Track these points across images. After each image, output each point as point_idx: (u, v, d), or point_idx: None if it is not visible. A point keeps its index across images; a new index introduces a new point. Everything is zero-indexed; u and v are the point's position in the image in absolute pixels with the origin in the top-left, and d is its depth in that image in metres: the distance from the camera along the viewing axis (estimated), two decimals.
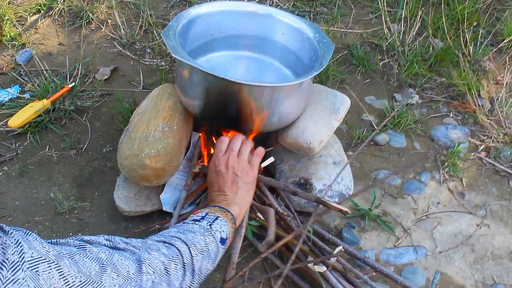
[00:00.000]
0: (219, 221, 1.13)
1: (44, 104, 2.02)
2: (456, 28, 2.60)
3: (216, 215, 1.15)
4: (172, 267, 0.94)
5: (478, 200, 1.97)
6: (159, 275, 0.89)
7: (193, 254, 1.00)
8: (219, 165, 1.35)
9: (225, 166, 1.33)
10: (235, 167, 1.33)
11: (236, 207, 1.24)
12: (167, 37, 1.53)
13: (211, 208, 1.20)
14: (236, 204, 1.25)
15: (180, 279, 0.95)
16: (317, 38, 1.71)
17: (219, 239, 1.09)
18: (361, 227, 1.85)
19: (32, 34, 2.51)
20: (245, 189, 1.31)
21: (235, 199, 1.27)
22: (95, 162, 1.99)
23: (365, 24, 2.72)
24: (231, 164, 1.33)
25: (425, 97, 2.37)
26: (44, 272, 0.65)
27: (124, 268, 0.83)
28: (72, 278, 0.70)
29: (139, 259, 0.88)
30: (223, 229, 1.12)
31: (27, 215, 1.82)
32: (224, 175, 1.32)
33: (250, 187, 1.33)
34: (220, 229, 1.11)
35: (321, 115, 1.68)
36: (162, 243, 0.98)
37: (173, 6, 2.71)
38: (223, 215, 1.17)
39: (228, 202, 1.25)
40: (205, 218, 1.13)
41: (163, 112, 1.64)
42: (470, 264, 1.78)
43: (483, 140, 2.18)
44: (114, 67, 2.36)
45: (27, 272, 0.62)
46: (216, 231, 1.10)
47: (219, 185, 1.31)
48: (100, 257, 0.80)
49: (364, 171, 2.03)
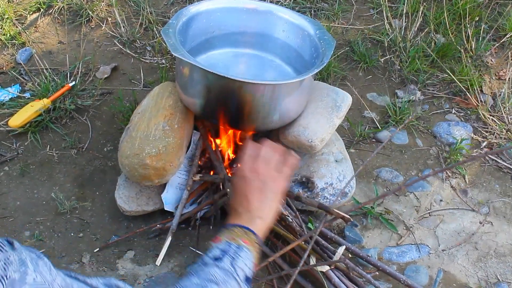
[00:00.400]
0: (242, 254, 1.02)
1: (44, 104, 2.02)
2: (458, 23, 2.59)
3: (238, 244, 1.04)
4: None
5: (481, 197, 1.96)
6: None
7: None
8: (246, 170, 1.20)
9: (253, 172, 1.19)
10: (263, 174, 1.19)
11: (259, 221, 1.12)
12: (167, 35, 1.52)
13: (232, 232, 1.08)
14: (259, 217, 1.13)
15: None
16: (318, 35, 1.70)
17: (243, 278, 1.00)
18: (364, 225, 1.84)
19: (32, 33, 2.50)
20: (272, 198, 1.18)
21: (259, 210, 1.15)
22: (96, 162, 1.98)
23: (366, 20, 2.71)
24: (259, 171, 1.19)
25: (427, 93, 2.36)
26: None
27: None
28: None
29: None
30: (247, 263, 1.02)
31: (28, 215, 1.81)
32: (250, 181, 1.18)
33: (276, 197, 1.19)
34: (244, 265, 1.01)
35: (322, 113, 1.67)
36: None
37: (173, 3, 2.70)
38: (246, 242, 1.06)
39: (251, 215, 1.13)
40: (227, 253, 1.01)
41: (164, 110, 1.63)
42: (473, 262, 1.77)
43: (486, 137, 2.17)
44: (114, 65, 2.35)
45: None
46: (239, 269, 1.00)
47: (244, 191, 1.18)
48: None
49: (366, 168, 2.02)
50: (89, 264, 1.68)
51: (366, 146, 2.10)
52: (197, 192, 1.76)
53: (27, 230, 1.77)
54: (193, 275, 0.98)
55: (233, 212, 1.16)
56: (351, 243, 1.74)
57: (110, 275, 1.66)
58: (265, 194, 1.17)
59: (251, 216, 1.12)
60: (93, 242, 1.76)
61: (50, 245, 1.74)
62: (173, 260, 1.70)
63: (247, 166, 1.21)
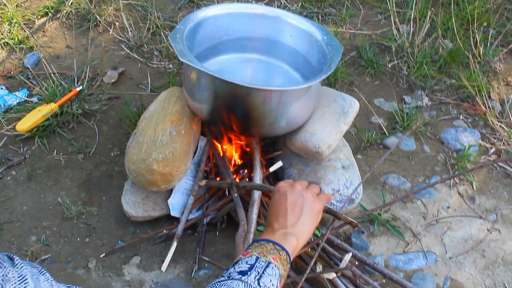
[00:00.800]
0: (269, 271, 0.99)
1: (51, 108, 2.02)
2: (466, 28, 2.58)
3: (267, 261, 1.00)
4: None
5: (488, 204, 1.95)
6: None
7: None
8: (285, 186, 1.19)
9: (291, 188, 1.18)
10: (302, 191, 1.17)
11: (293, 239, 1.09)
12: (175, 40, 1.52)
13: (263, 247, 1.05)
14: (294, 235, 1.10)
15: None
16: (326, 40, 1.70)
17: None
18: (370, 232, 1.83)
19: (40, 37, 2.50)
20: (309, 216, 1.15)
21: (296, 226, 1.12)
22: (102, 167, 1.98)
23: (374, 25, 2.70)
24: (298, 187, 1.18)
25: (434, 99, 2.35)
26: None
27: None
28: None
29: None
30: (273, 282, 0.98)
31: (35, 220, 1.81)
32: (288, 195, 1.16)
33: (315, 216, 1.17)
34: (270, 283, 0.97)
35: (329, 119, 1.66)
36: None
37: (181, 8, 2.70)
38: (276, 259, 1.02)
39: (285, 232, 1.10)
40: (254, 269, 0.98)
41: (171, 116, 1.63)
42: (480, 270, 1.76)
43: (494, 143, 2.16)
44: (121, 70, 2.35)
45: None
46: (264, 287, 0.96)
47: (281, 205, 1.15)
48: None
49: (373, 175, 2.01)
50: (95, 270, 1.68)
51: (373, 152, 2.10)
52: (203, 198, 1.75)
53: (34, 235, 1.77)
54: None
55: (268, 228, 1.13)
56: (358, 250, 1.73)
57: (116, 280, 1.65)
58: (304, 210, 1.14)
59: (286, 232, 1.10)
60: (99, 247, 1.76)
61: (56, 250, 1.74)
62: (179, 266, 1.70)
63: (287, 184, 1.20)
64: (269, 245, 1.04)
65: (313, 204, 1.16)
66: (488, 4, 2.70)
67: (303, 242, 1.12)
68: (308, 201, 1.15)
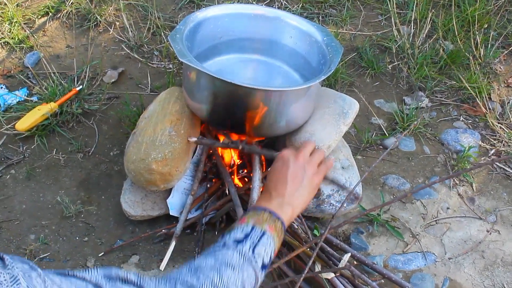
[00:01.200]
0: (264, 240, 1.02)
1: (51, 107, 2.02)
2: (467, 30, 2.58)
3: (263, 230, 1.03)
4: None
5: (488, 205, 1.95)
6: None
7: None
8: (289, 155, 1.21)
9: (295, 158, 1.21)
10: (305, 163, 1.21)
11: (289, 208, 1.13)
12: (174, 40, 1.51)
13: (260, 216, 1.07)
14: (290, 204, 1.13)
15: None
16: (326, 41, 1.69)
17: (260, 265, 0.99)
18: (370, 232, 1.83)
19: (40, 37, 2.50)
20: (307, 189, 1.18)
21: (293, 197, 1.15)
22: (102, 166, 1.98)
23: (374, 26, 2.70)
24: (301, 159, 1.21)
25: (435, 100, 2.35)
26: None
27: None
28: None
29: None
30: (267, 251, 1.01)
31: (34, 218, 1.81)
32: (290, 165, 1.19)
33: (312, 190, 1.20)
34: (264, 253, 1.00)
35: (329, 119, 1.66)
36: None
37: (181, 8, 2.70)
38: (271, 228, 1.05)
39: (282, 201, 1.13)
40: (249, 237, 1.01)
41: (170, 116, 1.63)
42: (480, 270, 1.75)
43: (494, 144, 2.16)
44: (121, 69, 2.35)
45: None
46: (258, 257, 0.99)
47: (282, 174, 1.18)
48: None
49: (373, 175, 2.01)
50: None
51: (373, 153, 2.10)
52: (202, 197, 1.75)
53: (32, 234, 1.77)
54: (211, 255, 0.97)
55: (266, 194, 1.17)
56: (357, 250, 1.73)
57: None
58: (303, 183, 1.18)
59: (283, 202, 1.13)
60: (98, 246, 1.76)
61: (55, 249, 1.74)
62: (177, 265, 1.70)
63: (291, 153, 1.22)
64: (266, 214, 1.07)
65: (313, 178, 1.20)
66: (489, 6, 2.70)
67: (297, 213, 1.16)
68: (309, 175, 1.19)
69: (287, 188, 1.15)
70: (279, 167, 1.20)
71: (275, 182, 1.18)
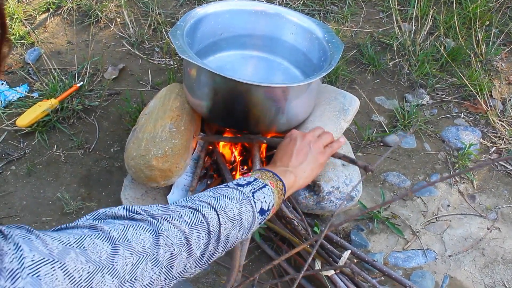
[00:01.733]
0: (265, 190, 1.07)
1: (52, 104, 2.02)
2: (468, 27, 2.57)
3: (264, 183, 1.09)
4: (195, 235, 0.89)
5: (489, 203, 1.95)
6: (178, 245, 0.85)
7: (222, 221, 0.94)
8: (297, 134, 1.30)
9: (302, 136, 1.28)
10: (311, 141, 1.27)
11: (292, 176, 1.18)
12: (175, 36, 1.51)
13: (263, 173, 1.14)
14: (294, 174, 1.19)
15: (202, 247, 0.91)
16: (327, 38, 1.69)
17: (258, 209, 1.04)
18: (370, 229, 1.83)
19: (41, 33, 2.50)
20: (311, 165, 1.24)
21: (297, 168, 1.21)
22: (102, 162, 1.98)
23: (375, 23, 2.70)
24: (308, 138, 1.28)
25: (436, 97, 2.34)
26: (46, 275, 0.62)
27: (139, 243, 0.79)
28: (78, 272, 0.67)
29: (157, 231, 0.83)
30: (266, 199, 1.06)
31: (34, 215, 1.81)
32: (297, 142, 1.26)
33: (316, 167, 1.26)
34: (263, 199, 1.06)
35: (330, 116, 1.66)
36: (188, 208, 0.93)
37: (182, 4, 2.70)
38: (273, 184, 1.11)
39: (286, 169, 1.19)
40: (250, 184, 1.07)
41: (171, 112, 1.63)
42: (480, 268, 1.75)
43: (495, 142, 2.16)
44: (122, 66, 2.35)
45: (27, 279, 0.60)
46: (257, 200, 1.04)
47: (288, 149, 1.26)
48: (112, 236, 0.76)
49: (373, 172, 2.01)
50: None
51: (373, 150, 2.09)
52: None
53: None
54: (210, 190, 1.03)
55: (271, 164, 1.25)
56: (357, 247, 1.73)
57: None
58: (308, 158, 1.24)
59: (286, 170, 1.19)
60: None
61: None
62: None
63: (299, 132, 1.31)
64: (269, 174, 1.14)
65: (318, 156, 1.26)
66: (490, 3, 2.70)
67: (299, 185, 1.21)
68: (314, 152, 1.25)
69: (291, 160, 1.22)
70: (286, 143, 1.28)
71: (281, 155, 1.25)
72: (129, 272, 0.76)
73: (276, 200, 1.10)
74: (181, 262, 0.87)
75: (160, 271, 0.83)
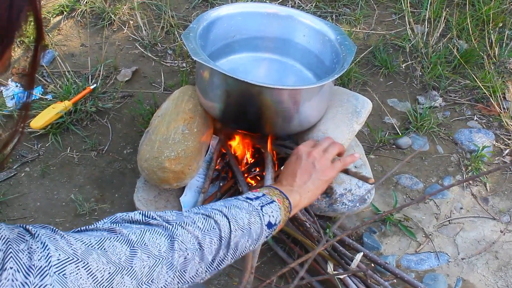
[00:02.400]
0: (273, 206, 1.10)
1: (65, 106, 2.03)
2: (481, 29, 2.56)
3: (272, 199, 1.12)
4: (207, 241, 0.92)
5: (502, 206, 1.94)
6: (192, 250, 0.88)
7: (232, 229, 0.97)
8: (302, 151, 1.32)
9: (307, 154, 1.31)
10: (316, 159, 1.29)
11: (297, 196, 1.21)
12: (188, 39, 1.52)
13: (271, 190, 1.17)
14: (299, 193, 1.22)
15: (213, 252, 0.93)
16: (339, 40, 1.69)
17: (266, 222, 1.06)
18: (382, 232, 1.82)
19: (55, 35, 2.52)
20: (316, 184, 1.27)
21: (301, 188, 1.24)
22: (115, 164, 2.00)
23: (388, 25, 2.69)
24: (314, 155, 1.30)
25: (448, 99, 2.33)
26: (71, 274, 0.66)
27: (155, 247, 0.82)
28: (100, 273, 0.70)
29: (172, 236, 0.86)
30: (273, 214, 1.09)
31: (48, 216, 1.83)
32: (302, 161, 1.29)
33: (321, 185, 1.28)
34: (271, 213, 1.08)
35: (342, 118, 1.66)
36: (201, 215, 0.96)
37: (195, 7, 2.71)
38: (280, 201, 1.13)
39: (292, 189, 1.22)
40: (259, 199, 1.10)
41: (184, 114, 1.64)
42: (493, 271, 1.74)
43: (508, 144, 2.15)
44: (135, 68, 2.36)
45: (54, 277, 0.63)
46: (265, 214, 1.06)
47: (293, 168, 1.29)
48: (131, 239, 0.79)
49: (386, 175, 2.00)
50: None
51: (386, 152, 2.09)
52: (215, 196, 1.76)
53: None
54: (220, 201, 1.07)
55: (277, 183, 1.28)
56: (369, 249, 1.73)
57: None
58: (312, 178, 1.27)
59: (292, 190, 1.22)
60: None
61: None
62: None
63: (305, 149, 1.34)
64: (276, 191, 1.17)
65: (324, 172, 1.28)
66: (504, 5, 2.68)
67: (304, 204, 1.24)
68: (318, 171, 1.28)
69: (296, 181, 1.25)
70: (292, 161, 1.31)
71: (286, 175, 1.28)
72: (146, 275, 0.79)
73: (282, 217, 1.12)
74: (193, 267, 0.89)
75: (174, 274, 0.85)
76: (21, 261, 0.61)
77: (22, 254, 0.62)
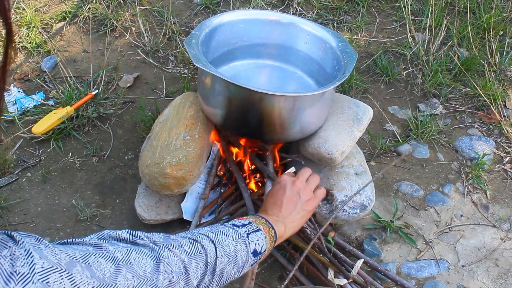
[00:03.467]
0: (258, 234, 1.11)
1: (67, 111, 2.04)
2: (482, 37, 2.57)
3: (258, 227, 1.12)
4: (193, 265, 0.91)
5: (502, 213, 1.94)
6: (178, 274, 0.88)
7: (219, 255, 0.97)
8: (287, 181, 1.33)
9: (292, 184, 1.32)
10: (301, 189, 1.31)
11: (282, 227, 1.21)
12: (190, 45, 1.53)
13: (257, 218, 1.17)
14: (284, 224, 1.22)
15: (199, 277, 0.93)
16: (340, 47, 1.70)
17: (252, 250, 1.06)
18: (383, 239, 1.83)
19: (57, 41, 2.53)
20: (300, 214, 1.28)
21: (287, 218, 1.24)
22: (117, 170, 2.00)
23: (389, 32, 2.70)
24: (298, 185, 1.32)
25: (449, 107, 2.34)
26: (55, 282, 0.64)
27: (141, 267, 0.81)
28: (84, 285, 0.69)
29: (158, 257, 0.86)
30: (259, 243, 1.09)
31: (49, 221, 1.83)
32: (287, 190, 1.30)
33: (305, 215, 1.30)
34: (257, 241, 1.09)
35: (343, 125, 1.66)
36: (188, 239, 0.96)
37: (197, 14, 2.72)
38: (265, 230, 1.14)
39: (277, 219, 1.22)
40: (245, 226, 1.10)
41: (185, 120, 1.64)
42: (493, 279, 1.74)
43: (509, 152, 2.15)
44: (137, 74, 2.37)
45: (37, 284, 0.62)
46: (251, 242, 1.07)
47: (278, 198, 1.29)
48: (116, 257, 0.79)
49: (386, 182, 2.01)
50: None
51: (386, 160, 2.09)
52: (216, 202, 1.76)
53: (47, 236, 1.78)
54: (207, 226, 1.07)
55: (262, 211, 1.27)
56: (369, 256, 1.73)
57: None
58: (297, 208, 1.28)
59: (278, 220, 1.22)
60: None
61: None
62: None
63: (289, 178, 1.34)
64: (262, 220, 1.17)
65: (307, 203, 1.30)
66: (504, 13, 2.69)
67: (288, 234, 1.25)
68: (303, 201, 1.29)
69: (281, 211, 1.25)
70: (276, 191, 1.32)
71: (271, 203, 1.28)
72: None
73: (268, 246, 1.13)
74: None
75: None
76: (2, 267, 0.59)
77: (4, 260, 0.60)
